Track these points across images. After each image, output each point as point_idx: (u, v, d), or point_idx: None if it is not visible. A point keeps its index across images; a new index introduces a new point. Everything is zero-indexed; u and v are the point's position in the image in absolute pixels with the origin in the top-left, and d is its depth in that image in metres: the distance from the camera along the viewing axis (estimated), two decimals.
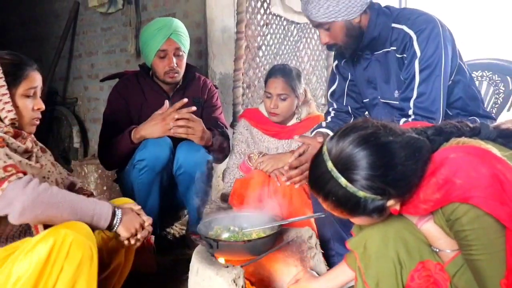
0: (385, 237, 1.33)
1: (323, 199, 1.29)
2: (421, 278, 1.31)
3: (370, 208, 1.24)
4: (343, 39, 1.90)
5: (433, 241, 1.32)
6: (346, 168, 1.22)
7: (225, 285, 1.53)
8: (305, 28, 3.79)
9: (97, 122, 5.14)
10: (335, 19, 1.83)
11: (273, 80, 2.38)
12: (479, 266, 1.18)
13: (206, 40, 3.68)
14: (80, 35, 5.16)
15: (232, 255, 1.73)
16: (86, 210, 1.47)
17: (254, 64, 3.42)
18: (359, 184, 1.21)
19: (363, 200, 1.22)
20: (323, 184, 1.26)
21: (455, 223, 1.19)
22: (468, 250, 1.19)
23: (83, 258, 1.36)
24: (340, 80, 2.21)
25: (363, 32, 1.90)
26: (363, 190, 1.21)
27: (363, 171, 1.20)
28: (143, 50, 2.53)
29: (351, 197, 1.22)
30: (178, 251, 2.64)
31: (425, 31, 1.82)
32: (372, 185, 1.20)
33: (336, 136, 1.28)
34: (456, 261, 1.28)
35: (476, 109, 1.98)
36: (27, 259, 1.33)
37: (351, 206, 1.25)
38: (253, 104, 3.36)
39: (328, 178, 1.24)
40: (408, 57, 1.86)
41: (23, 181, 1.35)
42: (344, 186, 1.22)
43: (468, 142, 1.26)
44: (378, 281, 1.32)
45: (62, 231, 1.35)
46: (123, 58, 4.58)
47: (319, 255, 1.87)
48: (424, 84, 1.82)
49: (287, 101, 2.37)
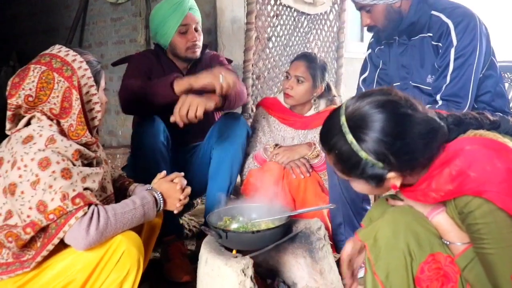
0: (396, 229, 1.32)
1: (327, 151, 1.30)
2: (431, 271, 1.30)
3: (368, 172, 1.23)
4: (383, 22, 1.97)
5: (444, 233, 1.31)
6: (357, 126, 1.22)
7: (234, 275, 1.54)
8: (315, 19, 3.77)
9: (106, 112, 5.15)
10: (377, 1, 1.90)
11: (295, 62, 2.43)
12: (490, 260, 1.17)
13: (216, 31, 3.67)
14: (90, 25, 5.17)
15: (241, 245, 1.73)
16: (138, 219, 1.53)
17: (263, 55, 3.40)
18: (364, 145, 1.20)
19: (364, 162, 1.22)
20: (331, 136, 1.26)
21: (468, 216, 1.18)
22: (480, 243, 1.18)
23: (130, 269, 1.43)
24: (371, 68, 2.26)
25: (403, 16, 1.95)
26: (367, 151, 1.20)
27: (372, 133, 1.19)
28: (158, 30, 2.45)
29: (353, 155, 1.22)
30: (187, 241, 2.65)
31: (463, 22, 1.89)
32: (376, 149, 1.19)
33: (358, 96, 1.28)
34: (466, 254, 1.27)
35: (502, 106, 2.03)
36: (80, 258, 1.40)
37: (351, 165, 1.24)
38: (262, 95, 3.35)
39: (337, 131, 1.24)
40: (444, 45, 1.92)
41: (87, 220, 1.37)
42: (349, 143, 1.21)
43: (486, 134, 1.24)
44: (388, 273, 1.31)
45: (118, 238, 1.43)
46: (132, 49, 4.58)
47: (327, 247, 1.87)
48: (457, 71, 1.88)
49: (303, 85, 2.37)
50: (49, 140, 1.41)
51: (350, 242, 1.54)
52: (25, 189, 1.35)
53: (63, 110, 1.48)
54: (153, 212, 1.59)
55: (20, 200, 1.36)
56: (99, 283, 1.42)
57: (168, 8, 2.40)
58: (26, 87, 1.44)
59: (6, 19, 6.36)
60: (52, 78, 1.46)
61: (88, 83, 1.52)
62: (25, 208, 1.36)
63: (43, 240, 1.38)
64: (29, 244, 1.41)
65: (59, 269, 1.40)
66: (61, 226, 1.35)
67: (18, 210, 1.37)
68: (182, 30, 2.39)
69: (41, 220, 1.35)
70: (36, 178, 1.35)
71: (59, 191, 1.36)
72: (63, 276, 1.40)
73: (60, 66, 1.47)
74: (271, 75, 3.48)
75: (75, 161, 1.44)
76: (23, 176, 1.36)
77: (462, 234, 1.28)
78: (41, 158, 1.37)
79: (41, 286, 1.40)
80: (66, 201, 1.35)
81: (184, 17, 2.38)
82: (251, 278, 1.55)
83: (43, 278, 1.41)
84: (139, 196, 1.58)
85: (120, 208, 1.48)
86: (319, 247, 1.85)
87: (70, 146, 1.44)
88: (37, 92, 1.45)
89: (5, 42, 6.07)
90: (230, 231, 1.72)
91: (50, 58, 1.48)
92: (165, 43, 2.46)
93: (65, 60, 1.48)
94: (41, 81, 1.45)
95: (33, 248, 1.41)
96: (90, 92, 1.53)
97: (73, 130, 1.49)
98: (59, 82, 1.46)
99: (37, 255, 1.38)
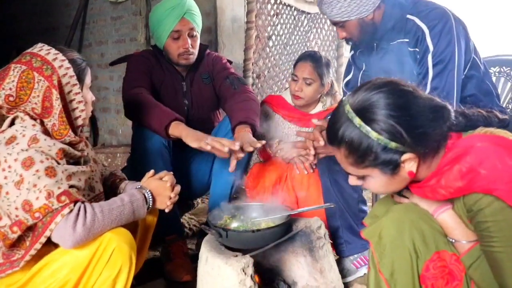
0: (401, 227, 1.31)
1: (337, 146, 1.27)
2: (436, 269, 1.29)
3: (382, 157, 1.21)
4: (357, 35, 1.95)
5: (449, 231, 1.31)
6: (362, 108, 1.21)
7: (234, 274, 1.54)
8: (315, 18, 3.77)
9: (107, 111, 5.16)
10: (348, 18, 1.88)
11: (301, 64, 2.39)
12: (498, 258, 1.16)
13: (216, 30, 3.67)
14: (90, 24, 5.17)
15: (241, 244, 1.73)
16: (127, 216, 1.51)
17: (264, 54, 3.40)
18: (373, 125, 1.19)
19: (376, 144, 1.19)
20: (338, 127, 1.25)
21: (478, 214, 1.17)
22: (489, 242, 1.17)
23: (123, 265, 1.42)
24: (355, 70, 2.22)
25: (377, 27, 1.92)
26: (377, 131, 1.18)
27: (378, 110, 1.19)
28: (154, 31, 2.38)
29: (364, 139, 1.20)
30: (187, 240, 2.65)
31: (438, 26, 1.83)
32: (386, 126, 1.18)
33: (355, 88, 1.29)
34: (472, 253, 1.26)
35: (489, 103, 1.95)
36: (71, 258, 1.39)
37: (363, 151, 1.21)
38: (263, 94, 3.35)
39: (343, 120, 1.23)
40: (421, 51, 1.87)
41: (73, 217, 1.36)
42: (358, 126, 1.20)
43: (497, 132, 1.24)
44: (393, 271, 1.31)
45: (108, 235, 1.41)
46: (133, 48, 4.58)
47: (327, 245, 1.87)
48: (438, 79, 1.82)
49: (312, 86, 2.36)
50: (32, 139, 1.40)
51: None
52: (9, 189, 1.35)
53: (44, 110, 1.46)
54: (143, 209, 1.57)
55: (6, 201, 1.36)
56: (92, 282, 1.41)
57: (163, 11, 2.32)
58: (6, 86, 1.43)
59: (6, 18, 6.36)
60: (32, 78, 1.44)
61: (70, 82, 1.49)
62: (12, 209, 1.36)
63: (31, 239, 1.38)
64: (18, 243, 1.41)
65: (51, 270, 1.39)
66: (47, 224, 1.34)
67: (7, 210, 1.37)
68: (174, 36, 2.31)
69: (27, 218, 1.35)
70: (20, 178, 1.34)
71: (43, 189, 1.35)
72: (55, 277, 1.39)
73: (40, 65, 1.45)
74: (271, 74, 3.49)
75: (60, 160, 1.42)
76: (8, 177, 1.35)
77: (468, 232, 1.27)
78: (25, 158, 1.36)
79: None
80: (52, 199, 1.34)
81: (177, 23, 2.28)
82: (251, 277, 1.56)
83: (36, 281, 1.40)
84: (128, 194, 1.57)
85: (107, 205, 1.46)
86: (319, 246, 1.85)
87: (54, 145, 1.43)
88: (18, 92, 1.44)
89: (5, 41, 6.07)
90: (230, 230, 1.73)
91: (31, 57, 1.46)
92: (160, 46, 2.41)
93: (46, 59, 1.46)
94: (21, 80, 1.43)
95: (22, 248, 1.41)
96: (72, 91, 1.50)
97: (56, 130, 1.47)
98: (39, 81, 1.44)
99: (26, 254, 1.37)
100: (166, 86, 2.39)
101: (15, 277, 1.40)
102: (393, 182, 1.27)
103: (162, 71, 2.41)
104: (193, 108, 2.43)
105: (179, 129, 2.01)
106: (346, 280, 2.06)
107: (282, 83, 3.70)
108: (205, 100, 2.46)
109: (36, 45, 1.52)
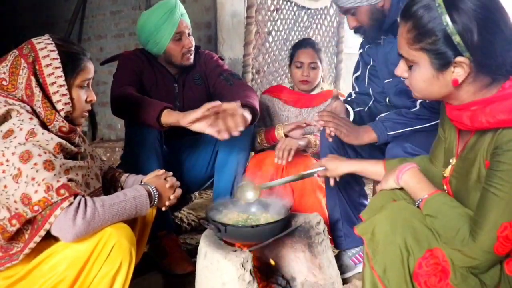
0: (394, 224, 1.32)
1: (405, 19, 1.26)
2: (429, 266, 1.30)
3: (439, 45, 1.20)
4: (368, 22, 2.00)
5: (412, 191, 1.38)
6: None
7: (233, 269, 1.54)
8: (315, 13, 3.76)
9: (105, 105, 5.15)
10: (361, 3, 1.94)
11: (303, 51, 2.56)
12: (491, 198, 1.17)
13: (216, 25, 3.66)
14: (89, 18, 5.16)
15: (240, 239, 1.73)
16: (129, 212, 1.50)
17: (263, 49, 3.40)
18: (453, 11, 1.18)
19: (443, 29, 1.18)
20: (419, 2, 1.24)
21: (503, 154, 1.16)
22: (493, 182, 1.17)
23: (122, 261, 1.41)
24: (362, 65, 2.29)
25: (386, 15, 1.98)
26: (453, 18, 1.17)
27: (468, 1, 1.17)
28: (151, 39, 2.36)
29: (434, 19, 1.19)
30: (186, 235, 2.66)
31: None
32: (465, 18, 1.17)
33: None
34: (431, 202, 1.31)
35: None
36: (71, 252, 1.38)
37: (426, 30, 1.21)
38: (262, 89, 3.34)
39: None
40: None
41: (73, 210, 1.35)
42: (436, 5, 1.19)
43: None
44: (386, 268, 1.31)
45: (108, 230, 1.40)
46: (132, 42, 4.58)
47: (326, 241, 1.87)
48: None
49: (316, 69, 2.56)
50: (29, 133, 1.39)
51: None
52: (7, 183, 1.34)
53: (28, 97, 1.46)
54: (146, 206, 1.56)
55: (5, 195, 1.35)
56: (91, 277, 1.40)
57: (160, 17, 2.32)
58: (1, 70, 1.46)
59: (6, 12, 6.33)
60: (19, 64, 1.46)
61: (54, 73, 1.47)
62: (11, 202, 1.35)
63: (31, 232, 1.37)
64: (17, 237, 1.40)
65: (50, 264, 1.39)
66: (46, 217, 1.33)
67: (6, 204, 1.37)
68: (176, 38, 2.34)
69: (26, 212, 1.34)
70: (17, 172, 1.34)
71: (42, 183, 1.34)
72: (54, 271, 1.38)
73: (27, 52, 1.47)
74: (270, 69, 3.48)
75: (57, 154, 1.42)
76: (6, 171, 1.35)
77: (430, 188, 1.34)
78: (22, 151, 1.35)
79: (33, 283, 1.39)
80: (51, 192, 1.34)
81: (178, 24, 2.33)
82: (250, 272, 1.56)
83: (35, 274, 1.39)
84: (132, 189, 1.56)
85: (108, 199, 1.46)
86: (318, 241, 1.86)
87: (52, 139, 1.42)
88: (10, 77, 1.46)
89: (4, 35, 6.05)
90: (229, 225, 1.72)
91: (26, 44, 1.49)
92: (158, 52, 2.39)
93: (33, 47, 1.47)
94: (12, 65, 1.46)
95: (21, 241, 1.40)
96: (57, 82, 1.48)
97: (43, 117, 1.46)
98: (24, 68, 1.46)
99: (25, 247, 1.37)
100: (157, 87, 2.40)
101: (13, 270, 1.40)
102: (435, 82, 1.27)
103: (154, 72, 2.42)
104: (185, 110, 2.41)
105: (173, 116, 1.99)
106: (345, 275, 2.06)
107: (281, 78, 3.69)
108: (197, 101, 2.42)
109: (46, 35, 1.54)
